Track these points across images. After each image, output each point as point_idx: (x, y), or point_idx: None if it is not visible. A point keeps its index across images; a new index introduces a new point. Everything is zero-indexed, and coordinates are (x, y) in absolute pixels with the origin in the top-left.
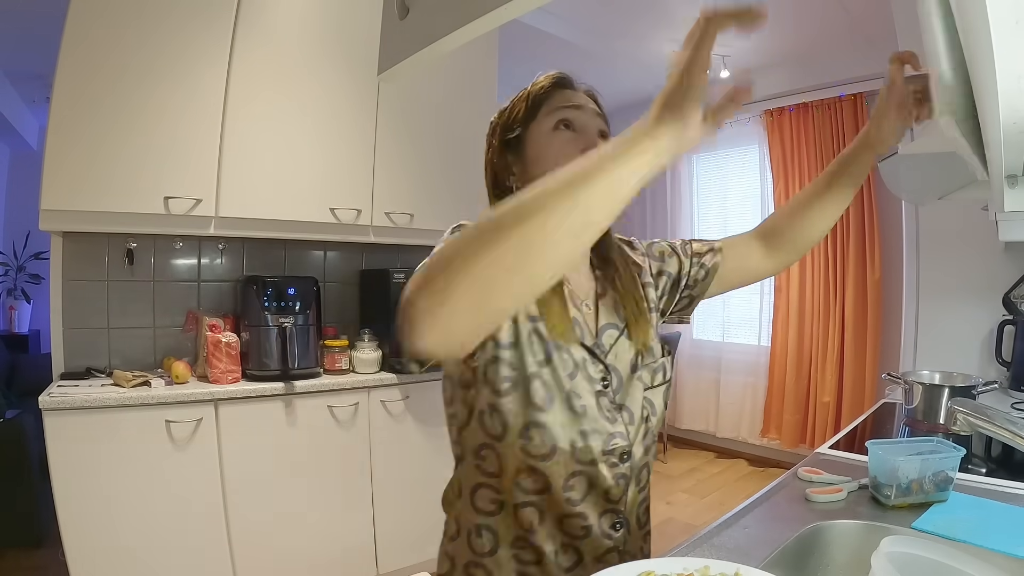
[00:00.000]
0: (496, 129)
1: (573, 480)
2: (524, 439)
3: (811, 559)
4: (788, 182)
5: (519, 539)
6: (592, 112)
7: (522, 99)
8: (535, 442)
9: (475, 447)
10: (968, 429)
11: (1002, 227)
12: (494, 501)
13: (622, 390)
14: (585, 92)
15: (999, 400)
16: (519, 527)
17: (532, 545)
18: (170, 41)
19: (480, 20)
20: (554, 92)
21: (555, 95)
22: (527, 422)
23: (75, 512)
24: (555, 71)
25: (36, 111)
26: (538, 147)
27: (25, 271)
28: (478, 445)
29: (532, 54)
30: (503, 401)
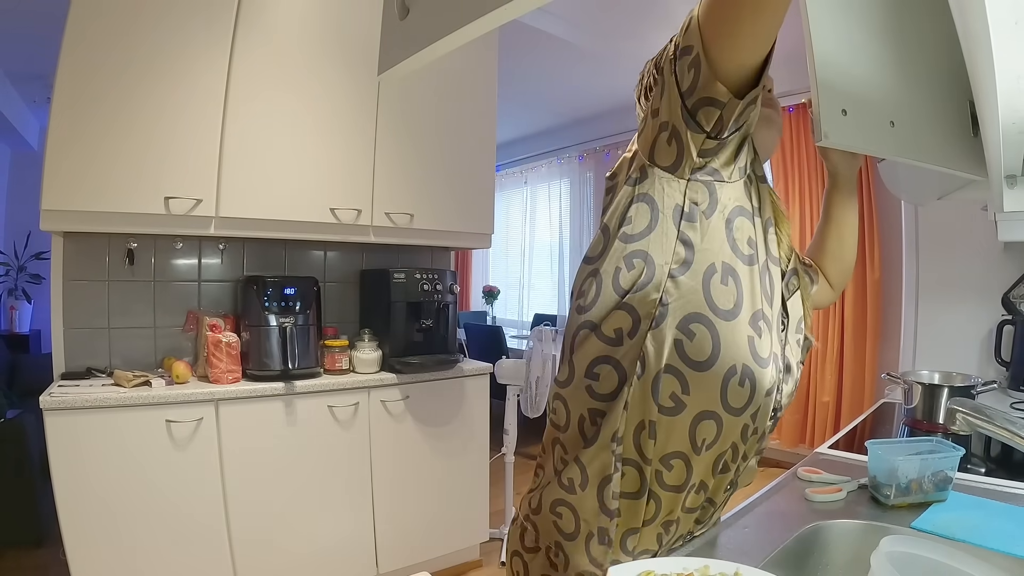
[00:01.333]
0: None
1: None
2: (753, 328)
3: (810, 559)
4: (788, 181)
5: (678, 454)
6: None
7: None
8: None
9: (687, 315)
10: (967, 429)
11: (1001, 227)
12: (674, 398)
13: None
14: None
15: (998, 400)
16: (685, 443)
17: (689, 467)
18: (170, 41)
19: (480, 20)
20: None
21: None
22: (759, 310)
23: (76, 512)
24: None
25: (37, 111)
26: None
27: (26, 271)
28: (690, 314)
29: (532, 54)
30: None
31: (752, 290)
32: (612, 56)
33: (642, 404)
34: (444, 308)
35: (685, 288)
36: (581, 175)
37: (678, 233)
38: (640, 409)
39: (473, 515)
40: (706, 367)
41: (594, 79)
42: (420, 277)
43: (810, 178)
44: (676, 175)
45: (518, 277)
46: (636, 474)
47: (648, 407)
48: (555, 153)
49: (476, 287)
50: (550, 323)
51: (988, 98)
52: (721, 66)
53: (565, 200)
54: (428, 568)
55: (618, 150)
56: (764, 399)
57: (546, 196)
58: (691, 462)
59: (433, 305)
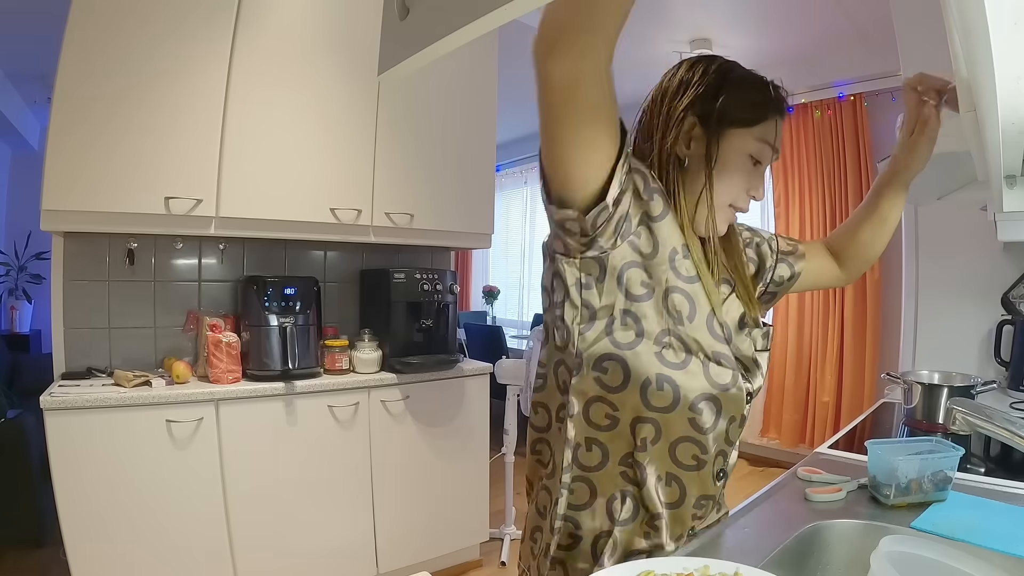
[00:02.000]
0: (692, 95)
1: (704, 403)
2: (659, 345)
3: (810, 559)
4: (788, 182)
5: (628, 456)
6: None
7: (741, 97)
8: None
9: (597, 357)
10: (967, 429)
11: (1001, 227)
12: (608, 416)
13: (734, 343)
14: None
15: (998, 400)
16: (630, 444)
17: (638, 464)
18: (170, 42)
19: (480, 20)
20: (774, 115)
21: (772, 122)
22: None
23: (76, 512)
24: (780, 86)
25: (37, 111)
26: (726, 158)
27: (26, 271)
28: (601, 355)
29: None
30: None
31: (654, 317)
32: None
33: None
34: (444, 308)
35: (591, 339)
36: None
37: (581, 300)
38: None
39: (473, 515)
40: (623, 388)
41: None
42: (420, 277)
43: (810, 178)
44: (569, 259)
45: (518, 277)
46: (585, 486)
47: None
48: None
49: (476, 287)
50: None
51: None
52: (560, 195)
53: None
54: (428, 568)
55: None
56: (697, 393)
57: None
58: (641, 460)
59: (433, 305)
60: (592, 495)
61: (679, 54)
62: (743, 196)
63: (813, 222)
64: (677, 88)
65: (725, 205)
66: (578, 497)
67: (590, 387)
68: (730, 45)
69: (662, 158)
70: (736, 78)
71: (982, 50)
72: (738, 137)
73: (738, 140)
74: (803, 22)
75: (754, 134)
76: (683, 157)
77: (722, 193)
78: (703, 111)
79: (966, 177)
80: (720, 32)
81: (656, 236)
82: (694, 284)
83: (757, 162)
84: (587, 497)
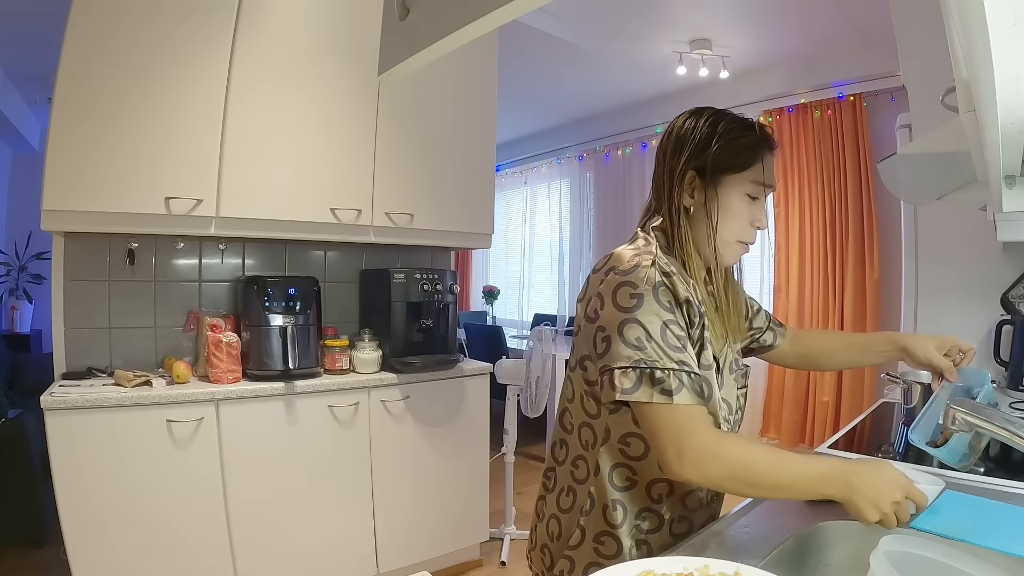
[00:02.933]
0: (689, 151)
1: None
2: None
3: (810, 558)
4: (787, 182)
5: (645, 510)
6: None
7: (731, 146)
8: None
9: (622, 434)
10: (966, 428)
11: (1000, 227)
12: (629, 479)
13: (724, 385)
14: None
15: (997, 399)
16: (648, 500)
17: (656, 513)
18: (171, 42)
19: (480, 21)
20: (764, 157)
21: (765, 163)
22: None
23: (77, 511)
24: (763, 125)
25: (38, 112)
26: (728, 202)
27: (27, 271)
28: (624, 433)
29: (532, 54)
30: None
31: None
32: (612, 56)
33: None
34: (444, 308)
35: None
36: (581, 175)
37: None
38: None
39: (473, 515)
40: (643, 458)
41: (594, 79)
42: (420, 277)
43: (810, 178)
44: None
45: (518, 277)
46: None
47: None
48: (555, 153)
49: (476, 287)
50: (550, 323)
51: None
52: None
53: (565, 200)
54: (428, 568)
55: (618, 150)
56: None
57: (546, 196)
58: (658, 511)
59: (433, 305)
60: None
61: (679, 54)
62: (748, 230)
63: (813, 222)
64: (675, 146)
65: (733, 241)
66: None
67: (614, 455)
68: (730, 45)
69: (672, 210)
70: (724, 129)
71: (981, 50)
72: (733, 182)
73: (734, 184)
74: (803, 22)
75: (748, 176)
76: (688, 207)
77: (727, 232)
78: (699, 164)
79: (966, 177)
80: (720, 32)
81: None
82: (709, 372)
83: (755, 198)
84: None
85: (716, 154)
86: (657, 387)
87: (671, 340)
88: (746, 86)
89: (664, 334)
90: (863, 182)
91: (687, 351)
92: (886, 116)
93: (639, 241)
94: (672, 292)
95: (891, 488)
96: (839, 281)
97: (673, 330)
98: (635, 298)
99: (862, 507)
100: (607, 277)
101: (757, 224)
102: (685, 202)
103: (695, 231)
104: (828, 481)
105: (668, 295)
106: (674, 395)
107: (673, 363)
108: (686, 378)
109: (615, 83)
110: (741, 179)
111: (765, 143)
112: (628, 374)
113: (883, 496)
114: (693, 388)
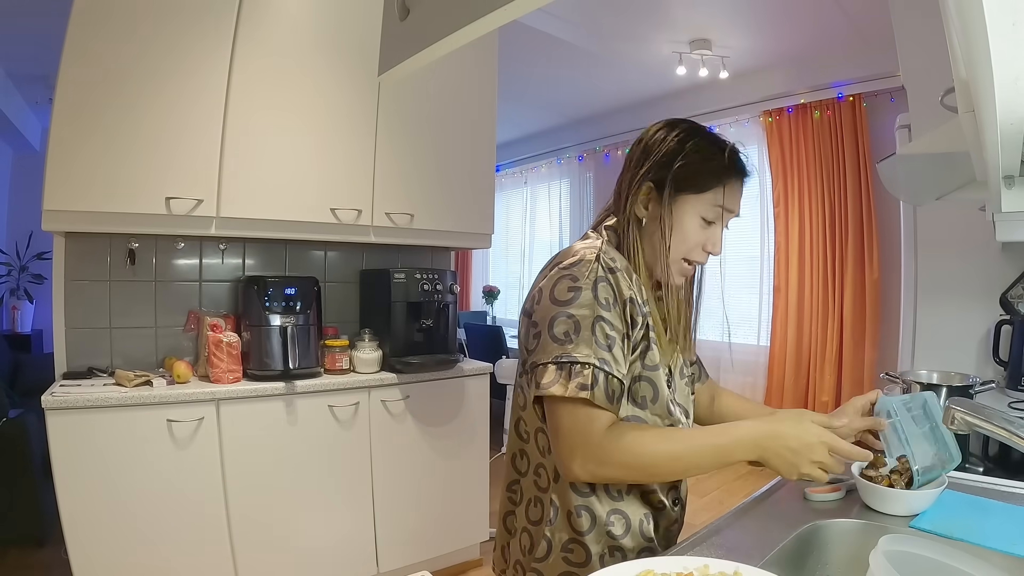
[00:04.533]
0: (651, 163)
1: None
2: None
3: (809, 558)
4: (787, 182)
5: (613, 512)
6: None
7: (695, 166)
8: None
9: None
10: (966, 428)
11: (999, 227)
12: (589, 484)
13: (678, 390)
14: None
15: (996, 399)
16: (611, 501)
17: (622, 514)
18: (171, 42)
19: (480, 21)
20: (734, 182)
21: (731, 188)
22: (628, 415)
23: (77, 511)
24: (744, 154)
25: (39, 112)
26: (683, 220)
27: (28, 271)
28: None
29: (532, 54)
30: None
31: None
32: (612, 56)
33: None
34: (444, 308)
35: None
36: (581, 175)
37: None
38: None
39: (473, 514)
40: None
41: (594, 79)
42: (420, 277)
43: (809, 179)
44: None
45: (518, 277)
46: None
47: (572, 496)
48: (555, 153)
49: (476, 287)
50: None
51: (986, 99)
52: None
53: (565, 200)
54: (428, 567)
55: (618, 150)
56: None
57: (546, 196)
58: (623, 511)
59: (433, 305)
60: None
61: (679, 55)
62: (698, 252)
63: (812, 222)
64: (640, 155)
65: (679, 259)
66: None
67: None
68: (730, 45)
69: (626, 217)
70: (692, 148)
71: (980, 51)
72: (691, 202)
73: (690, 204)
74: (803, 22)
75: (707, 199)
76: (641, 218)
77: (677, 251)
78: (657, 177)
79: (965, 177)
80: (720, 32)
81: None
82: (656, 372)
83: (711, 222)
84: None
85: (677, 172)
86: (574, 381)
87: (599, 337)
88: (746, 86)
89: (594, 329)
90: (862, 182)
91: (613, 351)
92: (885, 116)
93: (589, 239)
94: (613, 288)
95: (808, 449)
96: (838, 281)
97: (604, 327)
98: (573, 291)
99: (779, 468)
100: (551, 272)
101: (710, 249)
102: (638, 212)
103: (645, 242)
104: (740, 448)
105: (608, 291)
106: (589, 391)
107: (595, 359)
108: (602, 377)
109: (615, 83)
110: (699, 200)
111: (733, 171)
112: (549, 368)
113: (800, 456)
114: (606, 390)
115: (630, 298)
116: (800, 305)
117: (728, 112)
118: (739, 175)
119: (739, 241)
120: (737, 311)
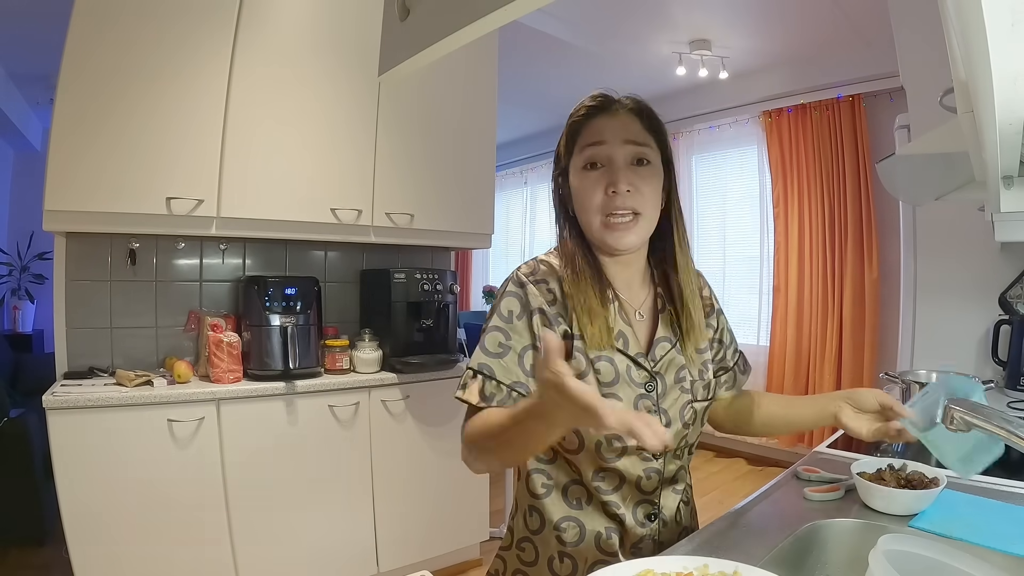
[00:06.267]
0: (556, 157)
1: (603, 472)
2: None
3: (809, 557)
4: (787, 182)
5: (565, 519)
6: (620, 140)
7: (564, 132)
8: (566, 439)
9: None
10: (965, 428)
11: (998, 227)
12: (544, 485)
13: (665, 395)
14: (625, 110)
15: (995, 399)
16: (567, 507)
17: (576, 522)
18: (172, 43)
19: (480, 21)
20: (584, 125)
21: (585, 129)
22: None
23: (78, 510)
24: (594, 93)
25: (40, 113)
26: (575, 184)
27: (29, 271)
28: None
29: (532, 54)
30: None
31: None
32: (612, 56)
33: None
34: (444, 308)
35: None
36: None
37: None
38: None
39: (473, 514)
40: (554, 461)
41: (594, 79)
42: (420, 277)
43: (808, 179)
44: None
45: None
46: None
47: (527, 496)
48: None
49: (476, 287)
50: None
51: (985, 100)
52: None
53: None
54: (428, 567)
55: None
56: (598, 438)
57: (546, 196)
58: (578, 519)
59: (433, 305)
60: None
61: (678, 55)
62: (603, 199)
63: (812, 222)
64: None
65: (595, 217)
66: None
67: (532, 459)
68: (730, 45)
69: (567, 222)
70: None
71: (979, 51)
72: (575, 163)
73: (575, 164)
74: (802, 22)
75: (580, 148)
76: (568, 209)
77: (586, 211)
78: (560, 168)
79: (964, 177)
80: (720, 32)
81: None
82: (615, 387)
83: (595, 164)
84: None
85: (558, 149)
86: (460, 385)
87: (490, 346)
88: (745, 87)
89: (486, 339)
90: (862, 182)
91: (503, 359)
92: (885, 116)
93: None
94: (520, 300)
95: (569, 418)
96: (838, 281)
97: (497, 336)
98: (493, 304)
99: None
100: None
101: (612, 188)
102: (569, 208)
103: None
104: (533, 418)
105: (513, 303)
106: (463, 390)
107: (476, 364)
108: (480, 379)
109: (615, 83)
110: (578, 155)
111: (581, 110)
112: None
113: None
114: (481, 391)
115: (538, 308)
116: (799, 305)
117: (728, 112)
118: (598, 111)
119: (739, 241)
120: (737, 311)
